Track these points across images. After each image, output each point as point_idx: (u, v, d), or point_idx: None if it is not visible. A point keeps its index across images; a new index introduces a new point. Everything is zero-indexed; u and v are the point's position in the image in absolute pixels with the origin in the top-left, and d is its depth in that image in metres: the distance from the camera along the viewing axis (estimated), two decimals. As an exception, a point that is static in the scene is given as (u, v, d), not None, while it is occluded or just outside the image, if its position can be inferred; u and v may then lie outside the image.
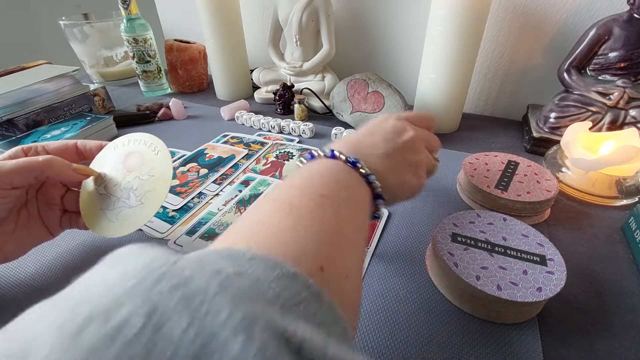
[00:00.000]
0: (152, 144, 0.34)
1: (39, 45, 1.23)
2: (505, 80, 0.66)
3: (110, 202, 0.32)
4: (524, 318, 0.28)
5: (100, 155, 0.34)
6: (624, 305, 0.30)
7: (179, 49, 0.75)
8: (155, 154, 0.33)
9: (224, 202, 0.42)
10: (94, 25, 0.80)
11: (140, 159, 0.33)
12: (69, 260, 0.34)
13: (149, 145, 0.34)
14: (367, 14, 0.71)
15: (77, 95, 0.60)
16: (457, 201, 0.43)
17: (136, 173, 0.33)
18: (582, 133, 0.45)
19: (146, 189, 0.32)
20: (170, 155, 0.33)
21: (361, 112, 0.58)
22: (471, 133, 0.60)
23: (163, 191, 0.32)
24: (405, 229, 0.38)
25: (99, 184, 0.33)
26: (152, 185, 0.32)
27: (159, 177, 0.32)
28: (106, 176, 0.33)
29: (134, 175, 0.33)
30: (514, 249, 0.31)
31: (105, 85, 0.68)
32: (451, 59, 0.53)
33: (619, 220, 0.40)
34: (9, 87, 0.53)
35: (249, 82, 0.78)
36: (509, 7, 0.60)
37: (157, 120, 0.66)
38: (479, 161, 0.45)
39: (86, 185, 0.33)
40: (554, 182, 0.41)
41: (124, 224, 0.31)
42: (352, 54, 0.77)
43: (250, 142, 0.56)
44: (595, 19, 0.52)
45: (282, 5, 0.66)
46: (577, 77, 0.52)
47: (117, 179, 0.33)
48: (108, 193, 0.32)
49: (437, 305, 0.30)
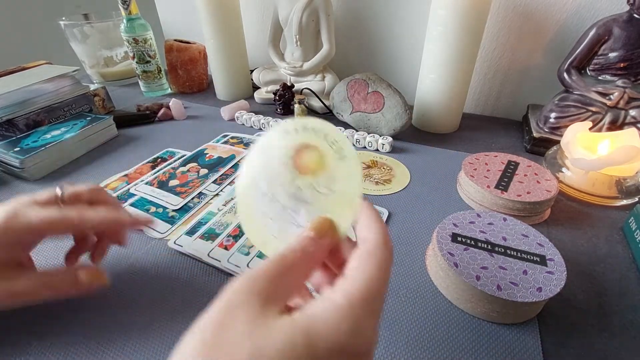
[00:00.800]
0: (335, 142, 0.22)
1: (39, 45, 1.23)
2: (505, 80, 0.66)
3: (274, 208, 0.23)
4: (524, 318, 0.28)
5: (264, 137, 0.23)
6: (624, 305, 0.30)
7: (179, 49, 0.75)
8: (338, 157, 0.22)
9: (224, 202, 0.42)
10: (94, 26, 0.80)
11: (317, 158, 0.23)
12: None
13: (332, 143, 0.23)
14: (367, 14, 0.71)
15: (77, 95, 0.60)
16: (457, 201, 0.43)
17: (310, 179, 0.22)
18: (582, 133, 0.45)
19: (322, 207, 0.22)
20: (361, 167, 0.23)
21: (361, 112, 0.58)
22: (471, 133, 0.60)
23: (344, 220, 0.21)
24: (405, 229, 0.38)
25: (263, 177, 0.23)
26: (331, 206, 0.22)
27: (341, 196, 0.22)
28: (270, 169, 0.23)
29: (307, 181, 0.22)
30: (514, 249, 0.31)
31: (105, 86, 0.68)
32: (451, 59, 0.53)
33: (619, 220, 0.40)
34: (9, 87, 0.53)
35: (249, 82, 0.78)
36: (509, 7, 0.60)
37: (157, 120, 0.66)
38: (479, 161, 0.45)
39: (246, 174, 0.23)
40: (554, 182, 0.41)
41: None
42: (352, 54, 0.77)
43: (251, 142, 0.56)
44: (595, 19, 0.52)
45: (282, 5, 0.66)
46: (577, 77, 0.52)
47: (284, 178, 0.23)
48: (272, 195, 0.23)
49: (437, 305, 0.30)
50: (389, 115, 0.55)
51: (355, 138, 0.55)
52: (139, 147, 0.56)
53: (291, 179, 0.23)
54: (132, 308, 0.30)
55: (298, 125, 0.23)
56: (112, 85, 0.83)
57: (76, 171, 0.50)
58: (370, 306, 0.15)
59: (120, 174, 0.48)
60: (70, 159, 0.53)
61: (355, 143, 0.56)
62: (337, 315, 0.14)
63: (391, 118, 0.55)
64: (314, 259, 0.19)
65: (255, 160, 0.23)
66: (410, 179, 0.47)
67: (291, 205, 0.22)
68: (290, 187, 0.22)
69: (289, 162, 0.23)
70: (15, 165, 0.47)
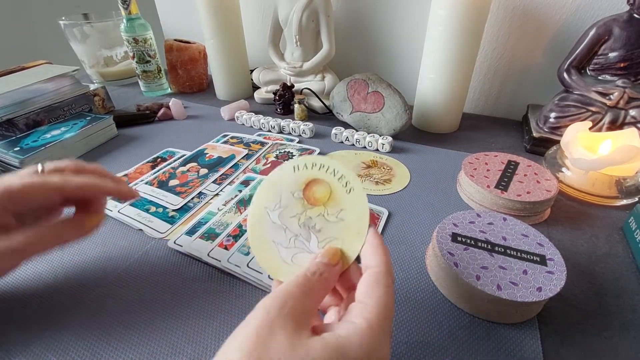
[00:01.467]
0: (343, 177, 0.25)
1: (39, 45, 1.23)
2: (505, 80, 0.66)
3: (286, 237, 0.25)
4: (524, 318, 0.28)
5: (275, 173, 0.26)
6: (624, 305, 0.30)
7: (179, 49, 0.75)
8: (346, 191, 0.25)
9: (224, 202, 0.42)
10: (93, 25, 0.80)
11: (326, 191, 0.25)
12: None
13: (340, 177, 0.25)
14: (367, 14, 0.71)
15: (77, 95, 0.60)
16: (457, 201, 0.43)
17: (320, 210, 0.25)
18: (582, 133, 0.45)
19: (332, 235, 0.24)
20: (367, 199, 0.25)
21: (361, 112, 0.58)
22: (471, 133, 0.60)
23: (353, 247, 0.23)
24: (405, 229, 0.38)
25: (274, 209, 0.26)
26: (340, 233, 0.24)
27: (350, 225, 0.24)
28: (281, 202, 0.26)
29: (317, 211, 0.25)
30: (514, 249, 0.31)
31: (105, 85, 0.68)
32: (451, 59, 0.53)
33: (619, 220, 0.40)
34: (9, 87, 0.53)
35: (249, 82, 0.78)
36: (508, 7, 0.60)
37: (157, 120, 0.66)
38: (479, 161, 0.45)
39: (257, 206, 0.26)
40: (554, 182, 0.41)
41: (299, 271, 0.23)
42: (352, 54, 0.77)
43: (250, 142, 0.56)
44: (595, 19, 0.52)
45: (282, 6, 0.66)
46: (577, 77, 0.52)
47: (295, 209, 0.25)
48: (283, 225, 0.25)
49: (437, 305, 0.30)
50: (389, 115, 0.55)
51: (355, 138, 0.55)
52: (139, 147, 0.56)
53: (302, 210, 0.25)
54: (132, 308, 0.30)
55: (308, 161, 0.26)
56: (112, 85, 0.83)
57: (76, 171, 0.50)
58: (384, 327, 0.18)
59: (120, 174, 0.48)
60: (70, 159, 0.52)
61: (355, 143, 0.56)
62: (360, 336, 0.17)
63: (391, 118, 0.55)
64: (329, 283, 0.21)
65: (266, 194, 0.26)
66: (410, 179, 0.47)
67: (303, 234, 0.25)
68: (301, 218, 0.25)
69: (300, 194, 0.25)
70: (15, 165, 0.47)
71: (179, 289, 0.31)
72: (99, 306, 0.30)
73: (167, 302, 0.30)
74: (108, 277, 0.33)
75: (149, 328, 0.28)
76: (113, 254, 0.35)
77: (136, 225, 0.39)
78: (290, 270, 0.24)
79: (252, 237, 0.25)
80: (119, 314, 0.29)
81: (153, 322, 0.28)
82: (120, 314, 0.29)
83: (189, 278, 0.32)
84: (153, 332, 0.28)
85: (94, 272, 0.33)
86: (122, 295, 0.31)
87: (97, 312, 0.29)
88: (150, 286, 0.32)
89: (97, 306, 0.30)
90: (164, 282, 0.32)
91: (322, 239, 0.24)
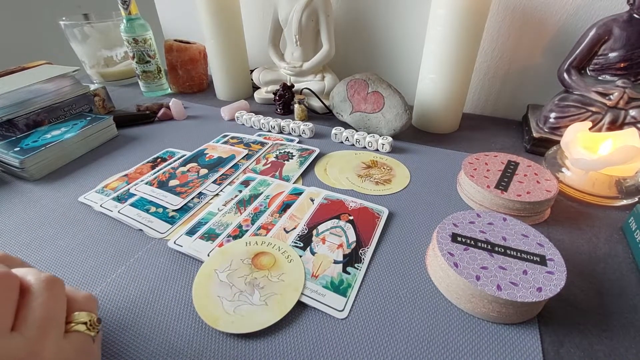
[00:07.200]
0: (286, 252, 0.34)
1: (39, 45, 1.24)
2: (505, 80, 0.66)
3: (230, 292, 0.30)
4: (524, 318, 0.28)
5: (229, 245, 0.35)
6: (624, 305, 0.30)
7: (179, 49, 0.75)
8: (288, 261, 0.33)
9: (224, 202, 0.42)
10: (94, 26, 0.80)
11: (271, 260, 0.33)
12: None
13: (283, 252, 0.34)
14: (367, 14, 0.71)
15: (77, 95, 0.60)
16: (457, 201, 0.43)
17: (265, 272, 0.31)
18: (582, 133, 0.45)
19: (273, 291, 0.30)
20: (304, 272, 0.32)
21: (361, 112, 0.58)
22: (471, 133, 0.60)
23: (291, 300, 0.29)
24: (405, 229, 0.38)
25: (223, 270, 0.32)
26: (281, 290, 0.30)
27: (289, 284, 0.30)
28: (231, 265, 0.32)
29: (262, 274, 0.31)
30: (514, 249, 0.31)
31: (105, 86, 0.68)
32: (451, 59, 0.53)
33: (619, 220, 0.40)
34: (9, 87, 0.53)
35: (249, 82, 0.78)
36: (509, 7, 0.60)
37: (157, 120, 0.66)
38: (479, 161, 0.45)
39: (208, 268, 0.32)
40: (554, 182, 0.41)
41: (241, 320, 0.28)
42: (352, 54, 0.77)
43: (250, 142, 0.56)
44: (595, 19, 0.52)
45: (282, 6, 0.66)
46: (577, 77, 0.52)
47: (244, 272, 0.32)
48: (230, 283, 0.31)
49: (437, 305, 0.30)
50: (389, 115, 0.55)
51: (355, 138, 0.55)
52: (139, 147, 0.56)
53: (250, 272, 0.32)
54: (131, 308, 0.30)
55: (258, 240, 0.35)
56: (112, 85, 0.83)
57: (76, 171, 0.50)
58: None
59: (120, 174, 0.48)
60: (70, 159, 0.53)
61: (355, 143, 0.56)
62: None
63: (391, 118, 0.55)
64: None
65: (218, 259, 0.33)
66: (410, 179, 0.47)
67: (248, 290, 0.30)
68: (248, 278, 0.31)
69: (249, 261, 0.33)
70: (15, 165, 0.47)
71: (178, 289, 0.31)
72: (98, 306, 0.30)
73: (167, 302, 0.30)
74: (108, 277, 0.33)
75: (149, 328, 0.28)
76: (113, 254, 0.35)
77: (136, 226, 0.39)
78: (230, 319, 0.28)
79: (197, 292, 0.30)
80: (118, 314, 0.29)
81: (153, 322, 0.28)
82: (119, 313, 0.29)
83: (189, 278, 0.32)
84: (153, 333, 0.28)
85: (94, 272, 0.33)
86: (121, 295, 0.31)
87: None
88: (149, 286, 0.32)
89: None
90: (164, 282, 0.32)
91: (264, 294, 0.29)
